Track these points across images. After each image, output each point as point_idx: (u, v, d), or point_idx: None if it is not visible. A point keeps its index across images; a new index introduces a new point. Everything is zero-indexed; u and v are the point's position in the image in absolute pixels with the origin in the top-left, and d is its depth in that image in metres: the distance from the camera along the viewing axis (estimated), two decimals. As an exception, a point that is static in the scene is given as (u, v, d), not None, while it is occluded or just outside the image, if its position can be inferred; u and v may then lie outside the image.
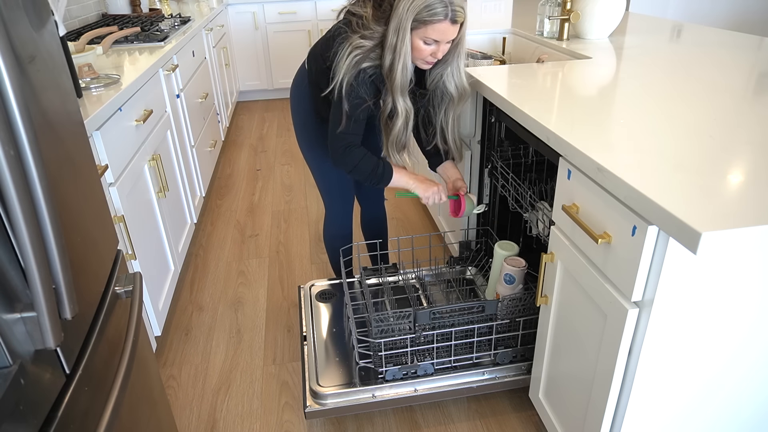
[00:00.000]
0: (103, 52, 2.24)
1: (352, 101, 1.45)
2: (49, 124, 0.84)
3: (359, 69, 1.42)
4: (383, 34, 1.41)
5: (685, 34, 2.17)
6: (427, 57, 1.43)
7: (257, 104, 4.82)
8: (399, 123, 1.51)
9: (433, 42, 1.39)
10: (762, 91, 1.37)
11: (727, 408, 1.09)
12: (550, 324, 1.32)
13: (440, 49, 1.41)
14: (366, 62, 1.42)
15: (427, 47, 1.40)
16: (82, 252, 0.90)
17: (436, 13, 1.32)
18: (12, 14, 0.75)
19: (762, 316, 0.97)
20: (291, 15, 4.48)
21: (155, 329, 1.81)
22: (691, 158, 1.00)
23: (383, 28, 1.41)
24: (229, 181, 3.28)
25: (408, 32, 1.36)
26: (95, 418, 0.83)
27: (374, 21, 1.41)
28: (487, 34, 2.49)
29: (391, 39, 1.38)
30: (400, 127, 1.52)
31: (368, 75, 1.44)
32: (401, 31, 1.36)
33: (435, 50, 1.41)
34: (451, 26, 1.36)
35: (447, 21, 1.34)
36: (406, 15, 1.34)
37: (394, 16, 1.36)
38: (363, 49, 1.41)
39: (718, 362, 1.02)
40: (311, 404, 1.49)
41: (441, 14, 1.32)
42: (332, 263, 2.03)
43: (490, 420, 1.61)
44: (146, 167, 1.85)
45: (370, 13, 1.42)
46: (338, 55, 1.43)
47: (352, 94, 1.44)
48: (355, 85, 1.43)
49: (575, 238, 1.15)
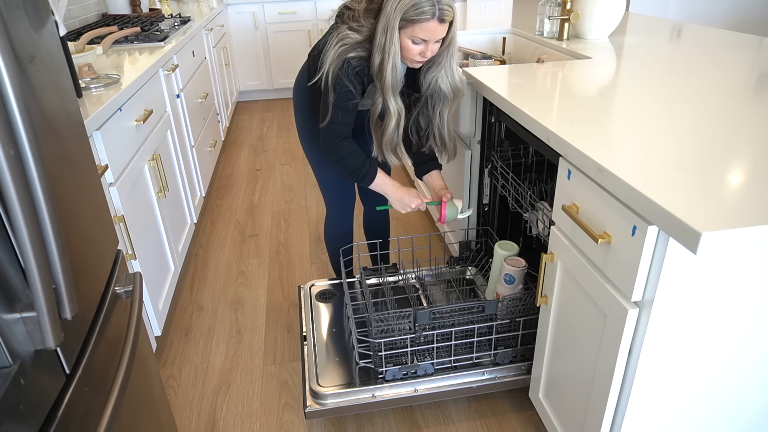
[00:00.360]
0: (103, 52, 2.24)
1: (339, 90, 1.45)
2: (49, 124, 0.84)
3: (344, 59, 1.42)
4: (372, 28, 1.41)
5: (685, 34, 2.17)
6: (415, 56, 1.42)
7: (257, 104, 4.82)
8: (392, 124, 1.51)
9: (422, 41, 1.38)
10: (762, 91, 1.37)
11: (728, 408, 1.09)
12: (550, 324, 1.32)
13: (429, 48, 1.41)
14: (351, 53, 1.42)
15: (415, 47, 1.39)
16: (82, 252, 0.90)
17: (423, 12, 1.32)
18: (12, 14, 0.75)
19: (762, 317, 0.97)
20: (291, 15, 4.48)
21: (155, 329, 1.81)
22: (691, 158, 1.00)
23: (372, 23, 1.41)
24: (229, 181, 3.28)
25: (396, 31, 1.36)
26: (95, 418, 0.83)
27: (365, 15, 1.42)
28: (487, 34, 2.49)
29: (380, 39, 1.38)
30: (392, 128, 1.52)
31: (353, 66, 1.44)
32: (389, 31, 1.36)
33: (424, 50, 1.41)
34: (439, 25, 1.35)
35: (434, 20, 1.33)
36: (394, 14, 1.34)
37: (383, 15, 1.36)
38: (350, 40, 1.42)
39: (718, 362, 1.02)
40: (311, 404, 1.49)
41: (428, 13, 1.32)
42: (332, 263, 2.03)
43: (490, 420, 1.61)
44: (146, 167, 1.85)
45: (362, 7, 1.43)
46: (327, 45, 1.44)
47: (338, 84, 1.44)
48: (341, 74, 1.43)
49: (575, 238, 1.15)
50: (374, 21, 1.41)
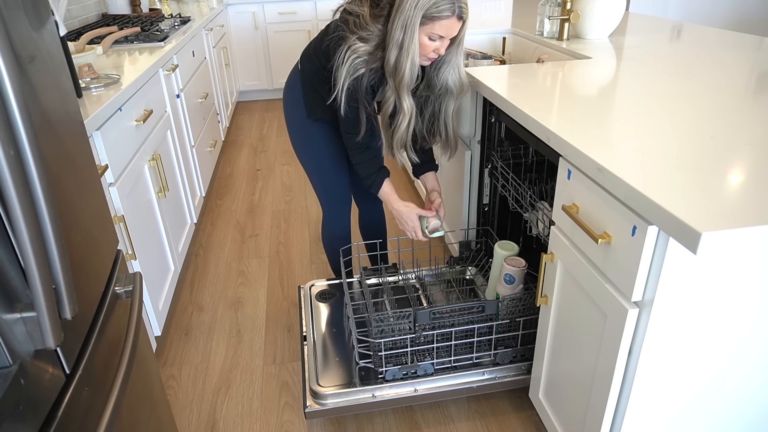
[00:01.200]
0: (103, 52, 2.24)
1: (354, 105, 1.47)
2: (49, 124, 0.84)
3: (359, 74, 1.43)
4: (382, 32, 1.41)
5: (685, 34, 2.17)
6: (429, 53, 1.44)
7: (257, 104, 4.82)
8: (404, 123, 1.53)
9: (438, 38, 1.40)
10: (762, 91, 1.37)
11: (728, 408, 1.09)
12: (550, 324, 1.32)
13: (443, 45, 1.42)
14: (366, 67, 1.43)
15: (431, 43, 1.41)
16: (82, 252, 0.90)
17: (443, 9, 1.34)
18: (12, 14, 0.75)
19: (763, 317, 0.97)
20: (291, 15, 4.48)
21: (155, 329, 1.81)
22: (691, 158, 1.00)
23: (382, 27, 1.41)
24: (229, 181, 3.28)
25: (417, 28, 1.37)
26: (95, 418, 0.83)
27: (372, 20, 1.41)
28: (487, 34, 2.49)
29: (398, 36, 1.39)
30: (404, 127, 1.53)
31: (369, 80, 1.45)
32: (409, 27, 1.37)
33: (438, 46, 1.43)
34: (457, 22, 1.38)
35: (454, 17, 1.36)
36: (415, 11, 1.35)
37: (400, 12, 1.36)
38: (362, 52, 1.42)
39: (718, 363, 1.02)
40: (311, 404, 1.49)
41: (449, 10, 1.34)
42: (332, 265, 2.02)
43: (490, 420, 1.61)
44: (146, 167, 1.85)
45: (367, 12, 1.42)
46: (337, 60, 1.43)
47: (353, 99, 1.46)
48: (356, 89, 1.45)
49: (575, 238, 1.15)
50: (383, 27, 1.41)
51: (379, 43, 1.43)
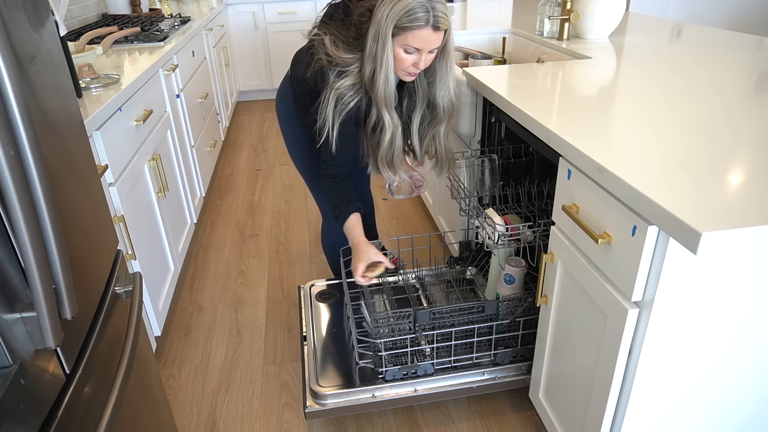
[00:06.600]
0: (103, 52, 2.24)
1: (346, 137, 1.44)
2: (49, 124, 0.84)
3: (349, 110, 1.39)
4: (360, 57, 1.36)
5: (685, 34, 2.17)
6: (408, 68, 1.35)
7: (257, 104, 4.82)
8: (386, 138, 1.45)
9: (415, 51, 1.31)
10: (762, 91, 1.37)
11: (725, 404, 1.09)
12: (550, 324, 1.32)
13: (422, 59, 1.33)
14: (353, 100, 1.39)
15: (408, 56, 1.32)
16: (82, 252, 0.90)
17: (416, 19, 1.25)
18: (12, 14, 0.75)
19: (763, 317, 0.97)
20: (291, 15, 4.48)
21: (155, 329, 1.81)
22: (691, 158, 1.00)
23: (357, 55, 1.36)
24: (229, 181, 3.28)
25: (389, 39, 1.28)
26: (95, 418, 0.83)
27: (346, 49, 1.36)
28: (487, 34, 2.49)
29: (371, 47, 1.31)
30: (387, 142, 1.46)
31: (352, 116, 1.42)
32: (381, 39, 1.29)
33: (417, 60, 1.33)
34: (433, 33, 1.28)
35: (428, 27, 1.26)
36: (386, 22, 1.26)
37: (373, 23, 1.29)
38: (345, 88, 1.37)
39: (718, 362, 1.02)
40: (311, 404, 1.49)
41: (422, 20, 1.25)
42: (332, 268, 2.02)
43: (490, 420, 1.61)
44: (146, 167, 1.85)
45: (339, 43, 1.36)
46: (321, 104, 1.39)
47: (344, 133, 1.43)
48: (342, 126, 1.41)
49: (575, 238, 1.15)
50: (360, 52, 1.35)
51: (358, 71, 1.37)
